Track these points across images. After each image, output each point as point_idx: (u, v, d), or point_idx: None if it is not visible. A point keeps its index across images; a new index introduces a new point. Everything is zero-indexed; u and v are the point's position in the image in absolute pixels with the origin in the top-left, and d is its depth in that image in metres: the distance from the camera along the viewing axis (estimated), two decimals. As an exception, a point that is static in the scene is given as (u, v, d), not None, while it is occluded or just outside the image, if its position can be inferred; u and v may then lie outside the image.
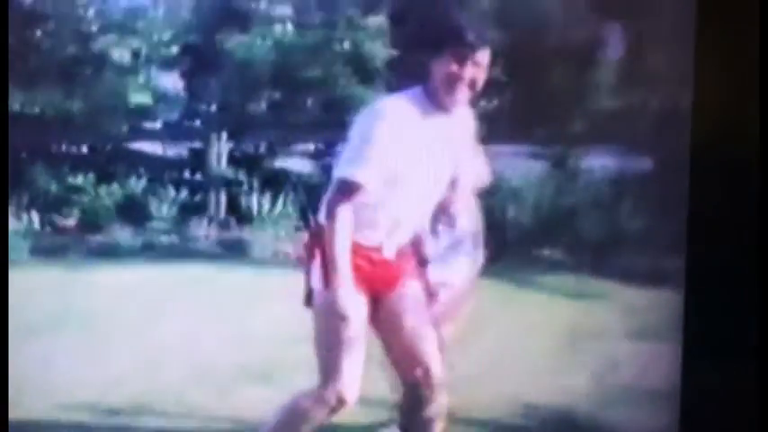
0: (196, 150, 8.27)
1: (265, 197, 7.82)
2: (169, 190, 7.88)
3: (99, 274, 7.02)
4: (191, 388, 5.13)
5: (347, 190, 3.64)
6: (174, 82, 8.20)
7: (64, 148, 8.11)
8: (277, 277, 6.94)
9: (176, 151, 8.34)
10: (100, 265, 7.24)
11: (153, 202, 7.78)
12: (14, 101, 7.18)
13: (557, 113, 7.57)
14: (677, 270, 6.79)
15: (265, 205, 7.77)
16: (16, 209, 7.28)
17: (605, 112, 7.69)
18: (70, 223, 7.62)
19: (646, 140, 7.53)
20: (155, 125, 8.12)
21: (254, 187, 7.90)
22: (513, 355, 5.55)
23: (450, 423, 4.04)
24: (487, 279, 6.13)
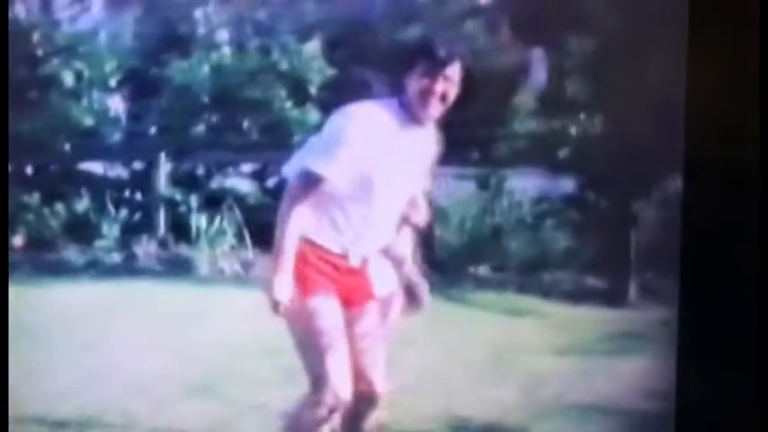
0: (138, 171, 8.33)
1: (203, 216, 7.90)
2: (112, 209, 7.92)
3: (45, 290, 7.07)
4: (135, 401, 5.21)
5: (310, 182, 3.73)
6: (117, 105, 8.23)
7: (11, 167, 8.10)
8: (217, 293, 7.14)
9: (119, 172, 8.37)
10: (46, 281, 7.27)
11: (96, 220, 7.83)
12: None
13: (482, 136, 7.70)
14: (601, 288, 7.11)
15: (203, 224, 7.85)
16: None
17: (528, 134, 7.88)
18: (18, 241, 7.64)
19: (568, 162, 7.75)
20: (98, 146, 8.14)
21: (194, 207, 7.96)
22: (443, 370, 5.69)
23: (383, 437, 4.18)
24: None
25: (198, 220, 7.89)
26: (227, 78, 8.06)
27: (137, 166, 8.35)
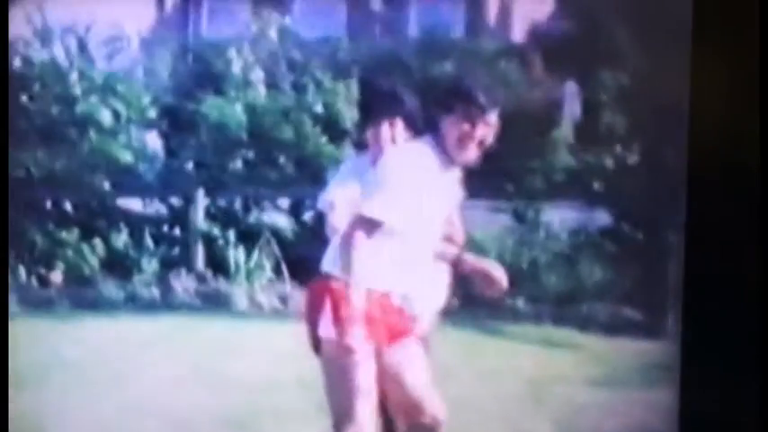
0: (175, 206, 8.37)
1: (241, 251, 7.94)
2: (149, 244, 7.99)
3: (84, 325, 7.12)
4: (171, 434, 5.27)
5: (367, 227, 3.80)
6: (154, 142, 8.32)
7: (49, 204, 8.21)
8: (255, 327, 7.16)
9: (157, 207, 8.42)
10: (84, 316, 7.32)
11: (135, 256, 7.90)
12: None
13: (518, 169, 7.72)
14: (637, 319, 7.08)
15: (241, 258, 7.89)
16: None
17: (564, 167, 7.89)
18: (56, 277, 7.71)
19: (603, 194, 7.76)
20: (136, 183, 8.20)
21: (231, 241, 7.99)
22: (480, 401, 5.63)
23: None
24: (453, 328, 6.35)
25: (236, 254, 7.93)
26: (262, 115, 8.12)
27: (174, 201, 8.40)
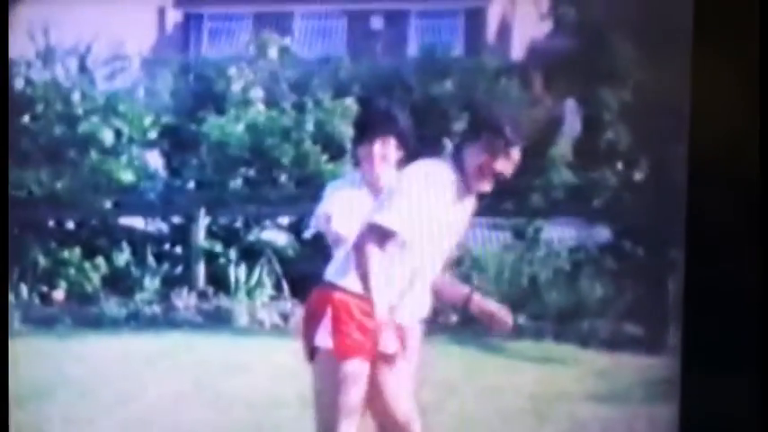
0: (176, 225, 8.40)
1: (242, 268, 7.96)
2: (151, 262, 8.01)
3: (86, 342, 7.11)
4: (173, 451, 5.30)
5: (381, 236, 3.81)
6: (155, 161, 8.34)
7: (52, 223, 8.24)
8: (256, 344, 7.17)
9: (158, 226, 8.45)
10: (87, 334, 7.32)
11: (137, 274, 7.92)
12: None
13: (518, 186, 7.74)
14: (638, 335, 7.08)
15: (242, 276, 7.91)
16: (9, 281, 7.37)
17: (564, 184, 7.91)
18: (59, 295, 7.73)
19: (603, 211, 7.78)
20: (137, 201, 8.23)
21: (232, 259, 8.02)
22: (482, 418, 5.63)
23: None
24: (454, 345, 6.37)
25: (237, 272, 7.95)
26: (263, 134, 8.14)
27: (176, 219, 8.42)
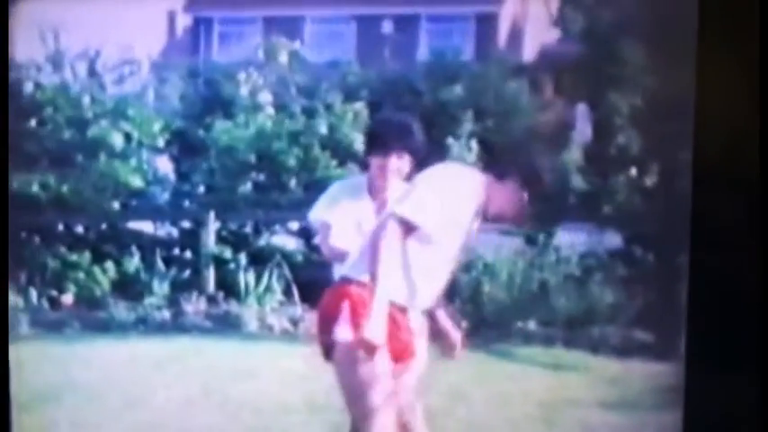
0: (186, 229, 8.39)
1: (252, 273, 7.94)
2: (160, 267, 7.99)
3: (94, 347, 7.13)
4: (182, 457, 5.30)
5: (402, 228, 3.80)
6: (165, 165, 8.33)
7: (61, 227, 8.22)
8: (265, 350, 7.16)
9: (167, 230, 8.43)
10: (95, 338, 7.31)
11: (146, 278, 7.90)
12: (14, 183, 7.33)
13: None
14: (649, 341, 7.05)
15: (252, 281, 7.90)
16: (16, 285, 7.40)
17: (575, 190, 7.89)
18: (68, 299, 7.72)
19: (614, 217, 7.75)
20: (147, 206, 8.24)
21: (241, 264, 8.00)
22: (491, 424, 5.66)
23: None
24: (463, 352, 6.30)
25: (246, 277, 7.93)
26: (272, 139, 8.13)
27: (185, 224, 8.41)
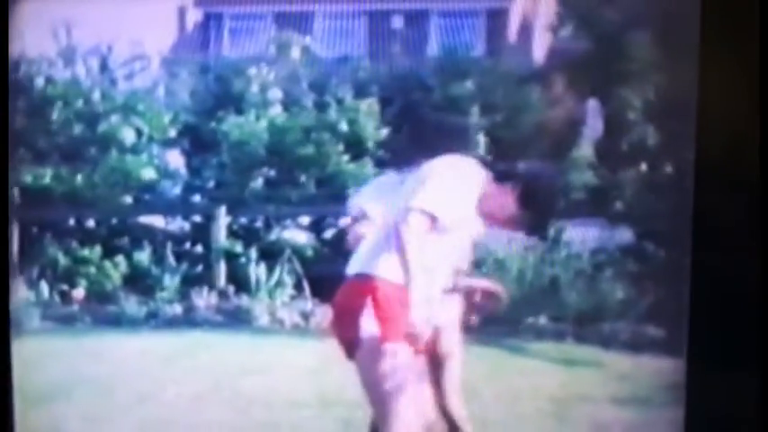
0: (196, 224, 8.38)
1: (263, 268, 7.95)
2: (171, 261, 7.99)
3: (105, 341, 7.15)
4: (193, 452, 5.31)
5: (422, 220, 3.81)
6: (175, 160, 8.34)
7: (72, 222, 8.23)
8: (276, 344, 7.16)
9: (178, 225, 8.44)
10: (106, 333, 7.34)
11: (156, 273, 7.91)
12: (25, 177, 7.35)
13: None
14: (660, 337, 7.03)
15: (263, 275, 7.91)
16: (27, 280, 7.43)
17: (586, 185, 7.88)
18: (79, 294, 7.73)
19: (625, 213, 7.74)
20: (158, 200, 8.22)
21: (252, 258, 8.00)
22: (503, 420, 5.67)
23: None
24: (475, 347, 6.30)
25: (257, 271, 7.94)
26: (283, 133, 8.14)
27: (196, 219, 8.40)
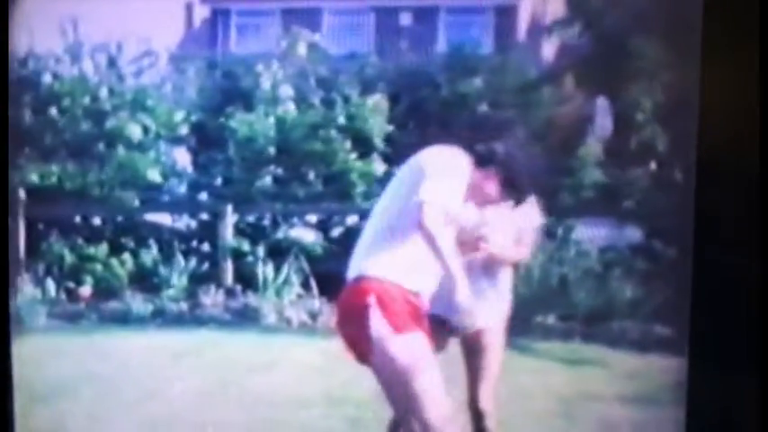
0: (204, 222, 8.37)
1: (270, 266, 7.94)
2: (178, 259, 7.99)
3: (111, 339, 7.13)
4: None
5: (438, 210, 3.82)
6: (183, 157, 8.34)
7: (78, 219, 8.23)
8: (283, 342, 7.16)
9: (185, 223, 8.43)
10: (112, 331, 7.32)
11: (163, 271, 7.90)
12: (32, 174, 7.36)
13: (548, 186, 7.71)
14: (668, 336, 7.01)
15: (270, 274, 7.89)
16: (34, 277, 7.43)
17: (595, 184, 7.87)
18: (85, 291, 7.73)
19: (634, 212, 7.72)
20: (165, 198, 8.21)
21: (260, 257, 7.99)
22: (511, 419, 5.62)
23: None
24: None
25: (264, 270, 7.92)
26: (291, 131, 8.12)
27: (204, 216, 8.38)
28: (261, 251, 8.03)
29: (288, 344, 7.07)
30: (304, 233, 8.29)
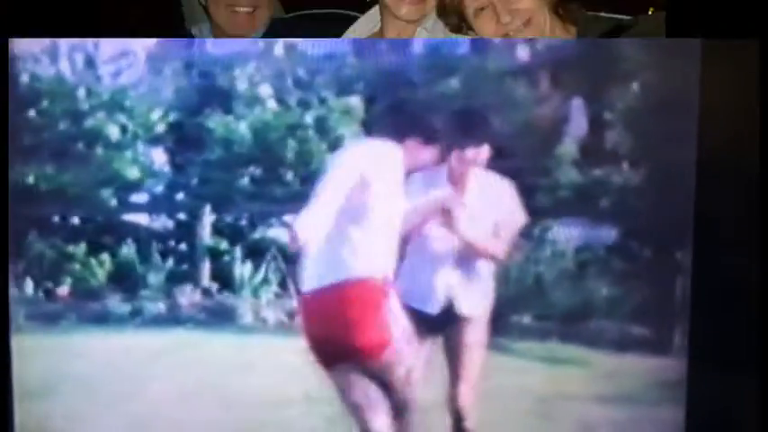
0: (181, 222, 8.35)
1: (248, 266, 7.95)
2: (157, 259, 8.01)
3: (89, 339, 7.08)
4: (177, 450, 5.27)
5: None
6: (160, 157, 8.33)
7: (57, 219, 8.21)
8: (260, 342, 7.16)
9: (163, 223, 8.42)
10: (90, 330, 7.28)
11: (142, 270, 7.90)
12: (10, 174, 7.33)
13: (523, 186, 7.72)
14: (646, 336, 7.06)
15: (247, 274, 7.91)
16: (14, 277, 7.39)
17: (570, 184, 7.90)
18: (63, 291, 7.71)
19: (610, 211, 7.75)
20: (143, 198, 8.21)
21: (237, 257, 8.00)
22: (489, 419, 5.75)
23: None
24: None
25: (242, 269, 7.92)
26: (268, 131, 8.12)
27: (181, 216, 8.35)
28: (238, 251, 8.03)
29: (265, 343, 7.08)
30: (281, 233, 8.30)
